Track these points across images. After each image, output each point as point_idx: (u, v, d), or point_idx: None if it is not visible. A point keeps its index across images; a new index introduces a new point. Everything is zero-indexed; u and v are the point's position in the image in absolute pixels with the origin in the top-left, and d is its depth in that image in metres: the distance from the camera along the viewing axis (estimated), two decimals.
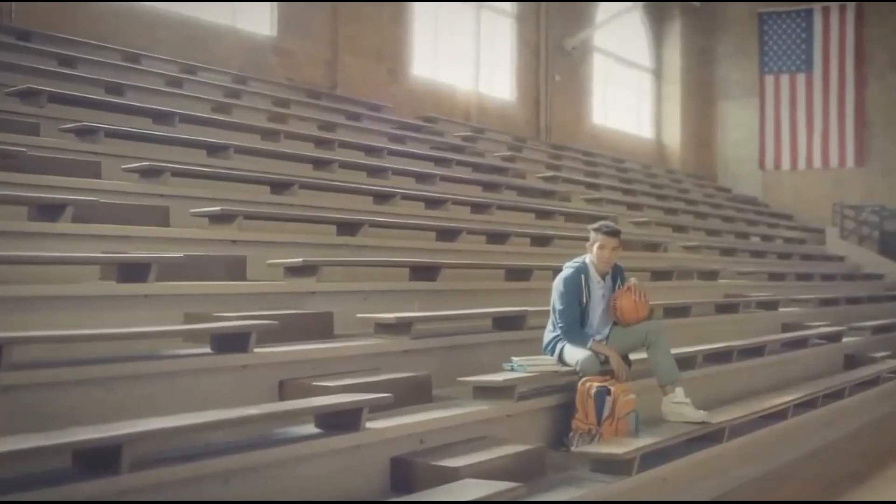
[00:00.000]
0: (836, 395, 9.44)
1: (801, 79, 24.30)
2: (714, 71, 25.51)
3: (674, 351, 8.23)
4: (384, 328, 6.62)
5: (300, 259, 7.01)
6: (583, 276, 6.96)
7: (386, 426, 5.32)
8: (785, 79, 24.47)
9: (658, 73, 24.97)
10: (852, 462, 8.49)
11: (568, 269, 7.04)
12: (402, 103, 16.81)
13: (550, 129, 20.74)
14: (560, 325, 6.85)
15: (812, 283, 15.91)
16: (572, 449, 6.30)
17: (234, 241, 7.47)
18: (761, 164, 24.65)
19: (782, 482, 7.59)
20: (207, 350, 5.59)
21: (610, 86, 23.34)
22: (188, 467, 4.30)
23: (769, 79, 24.60)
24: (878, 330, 13.26)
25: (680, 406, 6.82)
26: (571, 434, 6.43)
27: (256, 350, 5.60)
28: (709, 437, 6.90)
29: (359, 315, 6.72)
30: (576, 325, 6.85)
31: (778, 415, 8.04)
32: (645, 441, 6.14)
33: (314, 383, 5.65)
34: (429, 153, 13.47)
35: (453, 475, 5.10)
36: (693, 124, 25.17)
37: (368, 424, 5.23)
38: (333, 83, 15.85)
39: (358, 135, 13.05)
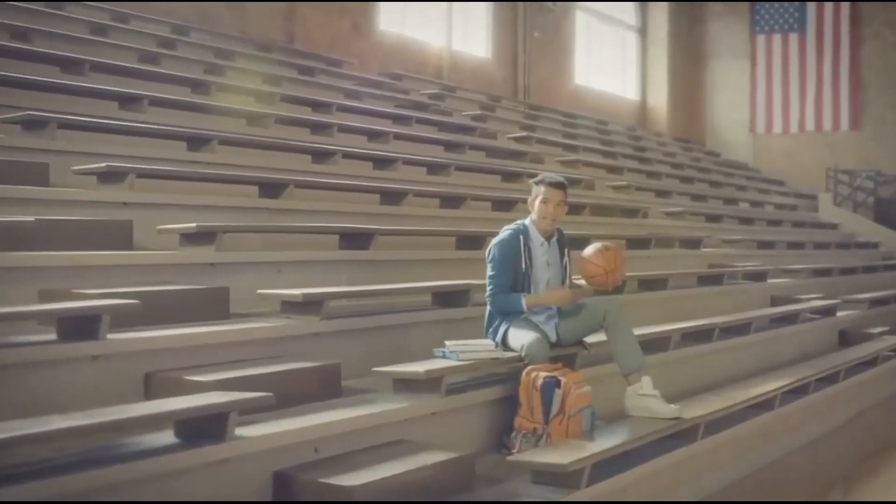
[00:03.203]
0: (831, 378, 8.35)
1: (793, 38, 23.23)
2: (703, 31, 24.33)
3: (647, 330, 7.25)
4: (291, 306, 5.51)
5: (194, 224, 5.86)
6: (522, 238, 5.88)
7: (266, 433, 4.21)
8: (777, 39, 23.40)
9: (644, 31, 23.72)
10: (848, 457, 7.46)
11: (505, 231, 5.98)
12: (368, 60, 15.61)
13: (529, 90, 19.56)
14: (488, 294, 5.79)
15: (804, 251, 14.84)
16: (513, 452, 5.23)
17: (124, 204, 6.33)
18: (752, 128, 23.63)
19: (765, 486, 6.52)
20: (53, 337, 4.49)
21: (593, 44, 22.10)
22: None
23: (761, 38, 23.53)
24: (874, 303, 12.21)
25: (646, 399, 5.71)
26: (514, 434, 5.34)
27: (112, 336, 4.49)
28: (681, 434, 5.79)
29: (259, 291, 5.60)
30: (504, 291, 5.78)
31: (763, 404, 6.93)
32: (600, 445, 5.04)
33: (186, 377, 4.55)
34: (387, 111, 12.29)
35: (345, 496, 4.02)
36: (681, 86, 23.97)
37: (242, 431, 4.14)
38: (291, 37, 14.64)
39: (307, 90, 11.86)
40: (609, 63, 22.78)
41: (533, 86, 19.62)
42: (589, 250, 6.04)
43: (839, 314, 10.98)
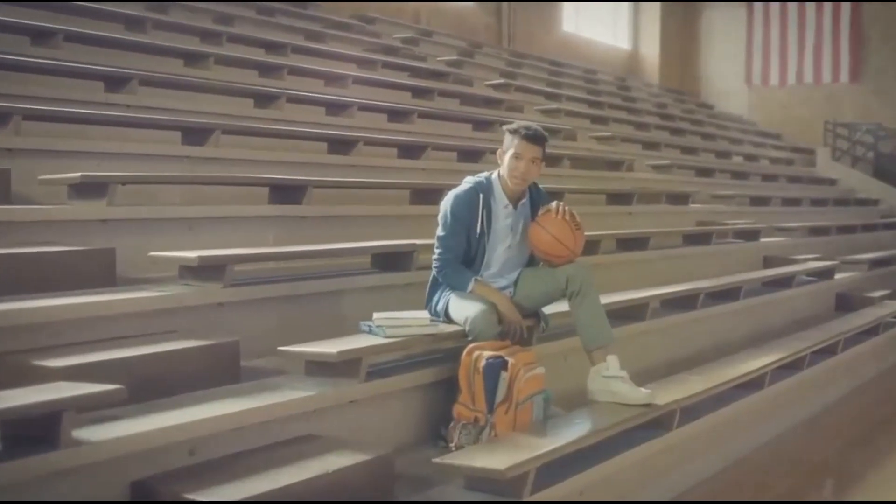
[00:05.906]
0: (828, 350, 7.49)
1: None
2: None
3: (622, 296, 6.42)
4: (189, 272, 4.63)
5: (78, 174, 4.95)
6: (481, 197, 4.97)
7: (121, 434, 3.33)
8: None
9: None
10: (845, 437, 6.65)
11: (464, 183, 5.07)
12: (341, 3, 14.62)
13: (514, 37, 18.55)
14: (435, 258, 4.91)
15: (800, 208, 13.96)
16: (451, 446, 4.39)
17: (8, 150, 5.43)
18: (748, 80, 22.68)
19: (748, 479, 5.67)
20: None
21: None
22: None
23: None
24: (874, 264, 11.36)
25: (612, 382, 4.82)
26: (452, 424, 4.49)
27: None
28: (653, 423, 4.92)
29: (151, 253, 4.71)
30: (455, 259, 4.91)
31: (752, 384, 6.06)
32: (551, 442, 4.15)
33: (33, 363, 3.67)
34: (351, 54, 11.34)
35: None
36: (674, 35, 22.95)
37: (91, 433, 3.28)
38: None
39: (262, 30, 10.88)
40: (599, 10, 21.73)
41: (518, 33, 18.63)
42: (556, 225, 4.92)
43: (837, 276, 10.14)
